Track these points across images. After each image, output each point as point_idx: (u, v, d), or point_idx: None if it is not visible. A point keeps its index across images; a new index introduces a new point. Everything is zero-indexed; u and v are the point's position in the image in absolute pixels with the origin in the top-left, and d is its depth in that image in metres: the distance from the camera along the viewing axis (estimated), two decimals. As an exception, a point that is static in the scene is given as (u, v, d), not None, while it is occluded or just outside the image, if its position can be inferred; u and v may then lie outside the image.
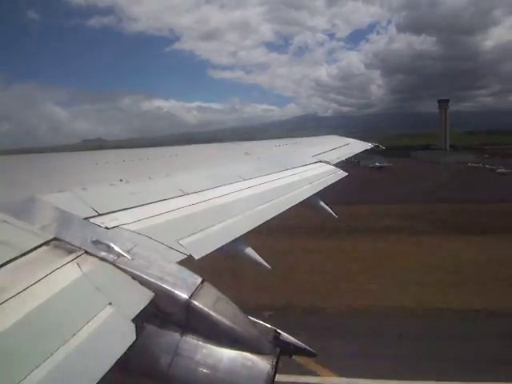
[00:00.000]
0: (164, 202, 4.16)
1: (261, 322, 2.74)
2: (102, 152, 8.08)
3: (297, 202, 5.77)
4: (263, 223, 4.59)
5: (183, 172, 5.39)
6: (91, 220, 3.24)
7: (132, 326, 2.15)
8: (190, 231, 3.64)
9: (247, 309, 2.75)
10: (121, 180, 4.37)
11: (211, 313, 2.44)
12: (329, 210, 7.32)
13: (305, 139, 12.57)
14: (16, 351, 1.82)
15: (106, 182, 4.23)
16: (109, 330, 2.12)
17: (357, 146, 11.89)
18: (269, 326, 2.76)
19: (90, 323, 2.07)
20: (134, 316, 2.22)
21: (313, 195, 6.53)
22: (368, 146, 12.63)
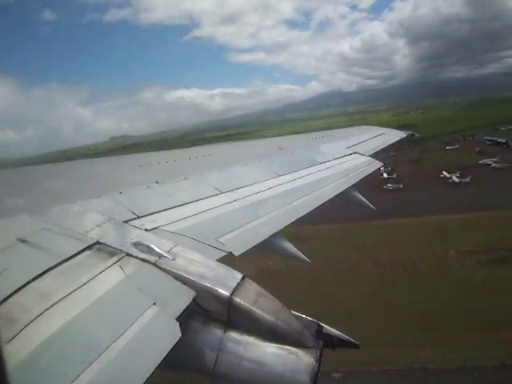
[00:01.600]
0: (200, 201, 4.20)
1: (303, 316, 2.72)
2: (135, 155, 8.21)
3: (333, 195, 5.70)
4: (300, 218, 4.56)
5: (218, 171, 5.41)
6: (131, 223, 3.30)
7: (176, 325, 2.19)
8: (227, 229, 3.66)
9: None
10: (157, 182, 4.43)
11: (253, 309, 2.45)
12: (366, 201, 7.19)
13: (338, 131, 12.40)
14: (68, 352, 1.89)
15: (142, 185, 4.30)
16: (154, 329, 2.17)
17: (391, 136, 11.63)
18: (311, 319, 2.74)
19: (135, 323, 2.12)
20: (177, 315, 2.26)
21: (349, 187, 6.44)
22: (403, 134, 12.34)
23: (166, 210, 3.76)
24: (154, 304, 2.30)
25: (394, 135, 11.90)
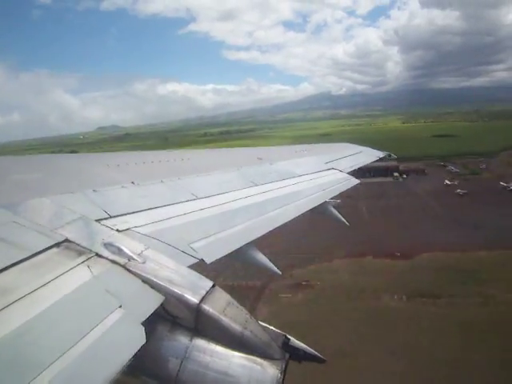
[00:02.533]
0: (175, 205, 4.15)
1: (271, 328, 2.71)
2: (113, 154, 8.11)
3: (308, 209, 5.73)
4: (274, 229, 4.56)
5: (195, 176, 5.37)
6: (102, 222, 3.24)
7: (142, 329, 2.15)
8: (201, 235, 3.63)
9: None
10: (132, 182, 4.37)
11: (221, 317, 2.42)
12: (340, 217, 7.25)
13: (318, 145, 12.54)
14: (25, 352, 1.82)
15: (117, 184, 4.22)
16: (118, 333, 2.11)
17: (369, 155, 11.81)
18: (279, 331, 2.73)
19: (99, 325, 2.07)
20: (143, 319, 2.21)
21: (324, 202, 6.49)
22: (380, 154, 12.55)
23: (139, 211, 3.70)
24: (120, 307, 2.24)
25: (372, 154, 12.08)
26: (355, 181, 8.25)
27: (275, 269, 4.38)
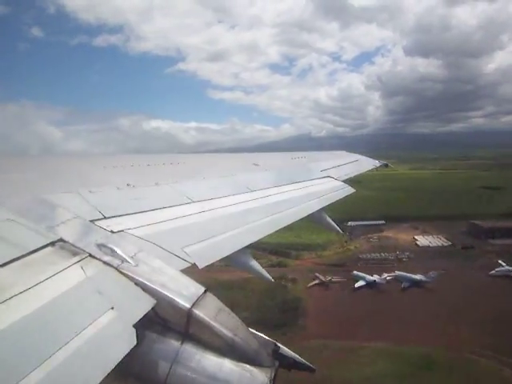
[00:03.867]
0: (170, 208, 4.16)
1: (261, 335, 2.72)
2: (110, 156, 8.09)
3: (303, 216, 5.75)
4: (268, 235, 4.58)
5: (191, 180, 5.39)
6: (97, 223, 3.25)
7: (133, 332, 2.15)
8: (195, 239, 3.63)
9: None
10: (128, 184, 4.37)
11: (212, 323, 2.43)
12: (334, 225, 7.28)
13: (314, 153, 12.58)
14: (15, 351, 1.82)
15: (113, 186, 4.23)
16: (110, 334, 2.12)
17: (365, 163, 11.87)
18: (269, 338, 2.74)
19: (90, 326, 2.07)
20: (135, 322, 2.21)
21: (319, 210, 6.51)
22: (376, 163, 12.61)
23: (134, 213, 3.71)
24: (112, 308, 2.24)
25: (368, 163, 12.14)
26: (350, 189, 8.28)
27: (268, 276, 4.39)
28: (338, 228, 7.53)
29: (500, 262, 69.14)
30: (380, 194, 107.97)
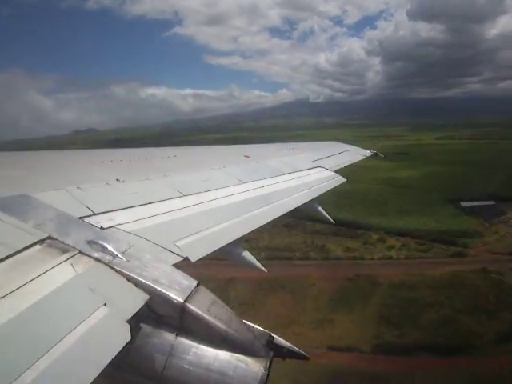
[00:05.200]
0: (161, 202, 4.13)
1: (255, 326, 2.73)
2: (98, 151, 8.04)
3: (295, 207, 5.75)
4: (260, 227, 4.57)
5: (181, 173, 5.36)
6: (86, 219, 3.22)
7: (127, 327, 2.15)
8: (186, 233, 3.61)
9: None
10: (117, 179, 4.34)
11: (206, 316, 2.44)
12: (326, 215, 7.30)
13: (305, 144, 12.61)
14: (9, 350, 1.80)
15: (102, 181, 4.19)
16: (103, 331, 2.11)
17: (356, 153, 11.92)
18: (263, 329, 2.75)
19: (83, 323, 2.06)
20: (128, 317, 2.21)
21: (311, 200, 6.52)
22: (367, 153, 12.67)
23: (124, 208, 3.68)
24: (105, 305, 2.23)
25: (359, 153, 12.18)
26: (342, 179, 8.32)
27: (261, 267, 4.39)
28: (331, 218, 7.55)
29: None
30: (451, 170, 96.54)
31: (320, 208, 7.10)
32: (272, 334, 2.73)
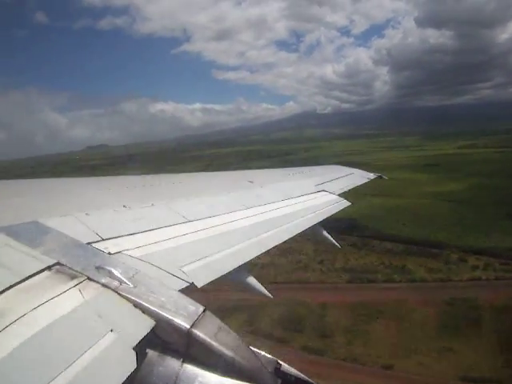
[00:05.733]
0: (167, 228, 4.16)
1: (262, 353, 2.72)
2: (105, 178, 8.13)
3: (300, 231, 5.76)
4: (266, 251, 4.58)
5: (186, 199, 5.40)
6: (94, 245, 3.25)
7: (133, 354, 2.15)
8: (192, 258, 3.63)
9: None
10: (124, 206, 4.39)
11: (212, 343, 2.41)
12: (331, 239, 7.29)
13: (307, 168, 12.63)
14: (17, 377, 1.82)
15: (109, 208, 4.25)
16: (110, 358, 2.12)
17: (360, 176, 11.93)
18: (270, 356, 2.73)
19: (91, 350, 2.07)
20: (135, 344, 2.21)
21: (316, 224, 6.52)
22: (371, 176, 12.67)
23: (131, 234, 3.72)
24: (112, 331, 2.24)
25: (363, 176, 12.20)
26: (346, 203, 8.31)
27: (267, 292, 4.38)
28: (336, 242, 7.52)
29: None
30: (495, 182, 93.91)
31: (325, 232, 7.09)
32: (279, 361, 2.72)
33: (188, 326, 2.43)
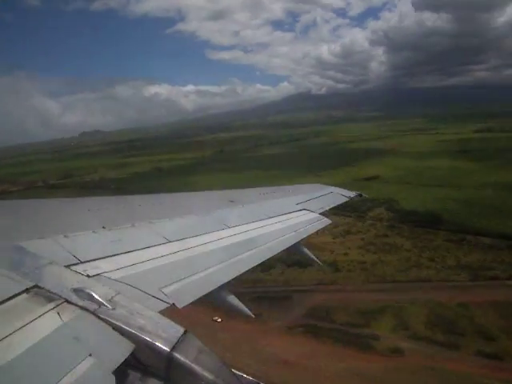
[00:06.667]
0: (147, 249, 4.15)
1: (244, 376, 2.75)
2: (84, 199, 8.06)
3: (281, 250, 5.80)
4: (247, 271, 4.62)
5: (167, 220, 5.39)
6: (72, 268, 3.22)
7: (112, 379, 2.14)
8: (172, 279, 3.63)
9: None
10: (103, 227, 4.35)
11: (193, 366, 2.40)
12: (313, 256, 7.35)
13: (288, 187, 12.71)
14: None
15: (88, 230, 4.21)
16: (89, 382, 2.10)
17: (340, 195, 12.05)
18: (252, 378, 2.75)
19: (69, 374, 2.05)
20: (114, 368, 2.20)
21: (297, 243, 6.58)
22: (352, 194, 12.79)
23: (110, 256, 3.70)
24: (90, 355, 2.23)
25: (343, 195, 12.32)
26: (327, 221, 8.39)
27: (248, 311, 4.40)
28: (317, 260, 7.59)
29: None
30: None
31: (306, 250, 7.13)
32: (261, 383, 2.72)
33: (168, 350, 2.42)
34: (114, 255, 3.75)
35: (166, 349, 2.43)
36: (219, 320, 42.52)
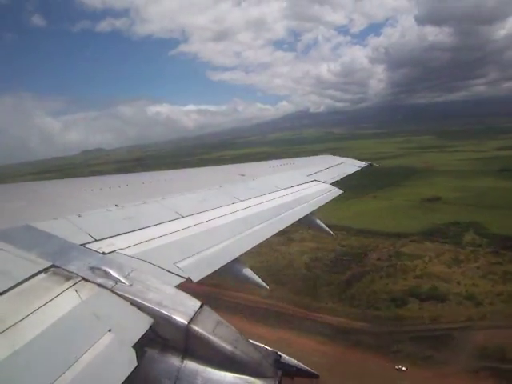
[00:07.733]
0: (160, 225, 4.16)
1: (262, 345, 2.72)
2: (96, 178, 8.08)
3: (293, 221, 5.77)
4: (260, 243, 4.59)
5: (179, 195, 5.39)
6: (88, 246, 3.25)
7: (133, 353, 2.16)
8: (187, 254, 3.64)
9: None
10: (116, 205, 4.38)
11: (211, 337, 2.42)
12: (326, 227, 7.32)
13: (299, 159, 12.63)
14: (19, 379, 1.83)
15: (101, 208, 4.24)
16: (110, 357, 2.12)
17: (351, 165, 11.97)
18: (270, 348, 2.74)
19: (90, 350, 2.08)
20: (134, 342, 2.22)
21: (309, 213, 6.54)
22: (362, 164, 12.71)
23: (124, 233, 3.71)
24: (110, 331, 2.25)
25: (354, 165, 12.23)
26: (338, 191, 8.34)
27: (263, 283, 4.40)
28: (330, 230, 7.56)
29: None
30: None
31: (318, 221, 7.11)
32: (279, 353, 2.72)
33: (186, 322, 2.44)
34: (128, 232, 3.77)
35: (184, 322, 2.45)
36: (404, 369, 37.42)
